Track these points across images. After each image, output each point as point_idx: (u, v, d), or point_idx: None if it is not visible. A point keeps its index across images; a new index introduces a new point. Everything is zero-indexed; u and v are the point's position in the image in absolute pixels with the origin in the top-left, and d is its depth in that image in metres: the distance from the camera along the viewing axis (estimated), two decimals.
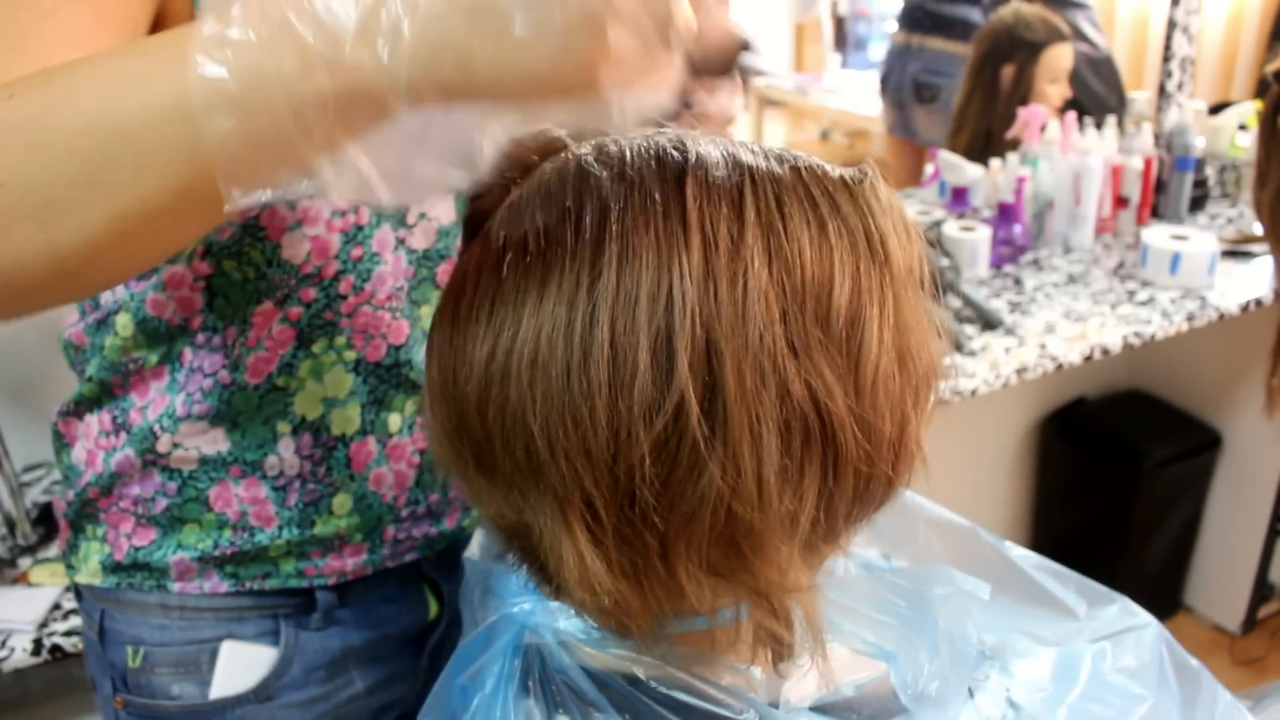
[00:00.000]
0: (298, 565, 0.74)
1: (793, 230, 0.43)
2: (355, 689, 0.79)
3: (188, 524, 0.72)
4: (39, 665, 1.05)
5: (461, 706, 0.52)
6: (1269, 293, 1.73)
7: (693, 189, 0.43)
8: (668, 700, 0.48)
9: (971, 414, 2.01)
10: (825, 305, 0.43)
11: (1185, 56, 2.06)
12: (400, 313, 0.73)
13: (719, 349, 0.40)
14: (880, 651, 0.52)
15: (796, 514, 0.44)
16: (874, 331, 0.44)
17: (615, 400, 0.41)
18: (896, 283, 0.45)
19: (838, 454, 0.44)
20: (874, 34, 3.76)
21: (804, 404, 0.42)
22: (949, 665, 0.51)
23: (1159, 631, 0.63)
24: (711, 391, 0.41)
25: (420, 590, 0.82)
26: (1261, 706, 1.00)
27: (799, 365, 0.42)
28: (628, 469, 0.41)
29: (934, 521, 0.70)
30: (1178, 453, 2.04)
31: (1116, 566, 2.08)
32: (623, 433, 0.41)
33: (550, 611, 0.52)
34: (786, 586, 0.45)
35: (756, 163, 0.45)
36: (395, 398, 0.75)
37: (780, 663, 0.49)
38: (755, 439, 0.41)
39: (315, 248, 0.67)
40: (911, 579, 0.53)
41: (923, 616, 0.52)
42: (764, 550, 0.44)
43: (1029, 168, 1.94)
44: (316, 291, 0.68)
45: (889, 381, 0.45)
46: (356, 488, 0.75)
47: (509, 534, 0.48)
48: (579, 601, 0.45)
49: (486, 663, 0.52)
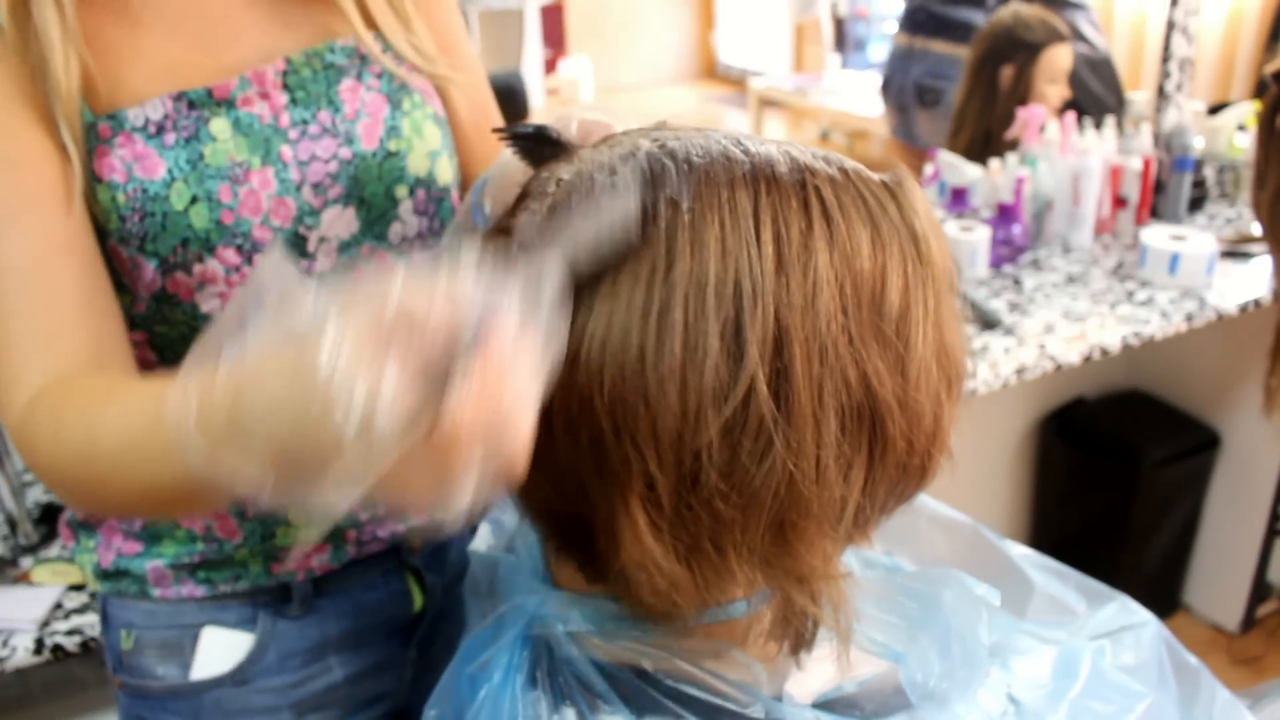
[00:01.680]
0: (265, 565, 0.77)
1: (853, 229, 0.45)
2: (333, 677, 0.80)
3: (164, 538, 0.76)
4: (40, 665, 1.05)
5: (469, 698, 0.52)
6: (1267, 293, 1.73)
7: (763, 184, 0.45)
8: (675, 693, 0.49)
9: (971, 414, 2.01)
10: (880, 299, 0.45)
11: (1184, 57, 2.06)
12: None
13: (790, 335, 0.42)
14: (888, 652, 0.53)
15: (845, 499, 0.46)
16: (920, 326, 0.46)
17: (686, 383, 0.42)
18: (937, 282, 0.48)
19: (886, 440, 0.46)
20: (873, 35, 3.76)
21: (859, 391, 0.44)
22: (960, 665, 0.51)
23: (1158, 629, 0.64)
24: (778, 376, 0.42)
25: (403, 580, 0.83)
26: (1260, 705, 1.01)
27: (855, 354, 0.44)
28: (695, 452, 0.43)
29: (936, 519, 0.70)
30: (1176, 453, 2.05)
31: (1116, 566, 2.08)
32: (692, 415, 0.42)
33: (559, 602, 0.53)
34: (829, 573, 0.47)
35: (813, 163, 0.47)
36: None
37: (799, 652, 0.50)
38: (818, 423, 0.43)
39: (223, 303, 0.68)
40: (922, 581, 0.54)
41: (933, 618, 0.52)
42: (809, 537, 0.46)
43: (1028, 168, 1.94)
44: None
45: (930, 374, 0.47)
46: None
47: (552, 520, 0.49)
48: (634, 584, 0.46)
49: (494, 654, 0.52)
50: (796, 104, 3.60)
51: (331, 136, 0.70)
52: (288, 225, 0.69)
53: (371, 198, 0.72)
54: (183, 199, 0.64)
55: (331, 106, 0.71)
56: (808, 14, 4.03)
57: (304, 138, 0.69)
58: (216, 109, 0.66)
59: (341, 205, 0.71)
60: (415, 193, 0.74)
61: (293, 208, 0.69)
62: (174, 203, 0.64)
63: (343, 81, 0.72)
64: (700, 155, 0.46)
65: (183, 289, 0.67)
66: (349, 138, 0.71)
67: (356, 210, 0.72)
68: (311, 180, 0.69)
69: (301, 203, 0.69)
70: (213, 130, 0.66)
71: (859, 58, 3.74)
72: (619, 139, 0.50)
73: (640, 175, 0.45)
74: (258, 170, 0.67)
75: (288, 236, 0.69)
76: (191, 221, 0.65)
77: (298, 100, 0.70)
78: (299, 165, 0.69)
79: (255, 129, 0.68)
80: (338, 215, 0.71)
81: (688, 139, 0.47)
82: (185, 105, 0.65)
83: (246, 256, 0.67)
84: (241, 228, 0.67)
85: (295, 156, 0.69)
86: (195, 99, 0.65)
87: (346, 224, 0.72)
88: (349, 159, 0.71)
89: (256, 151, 0.67)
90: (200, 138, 0.65)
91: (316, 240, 0.71)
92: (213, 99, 0.66)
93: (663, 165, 0.45)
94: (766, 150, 0.47)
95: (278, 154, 0.68)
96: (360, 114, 0.71)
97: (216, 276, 0.67)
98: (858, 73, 3.45)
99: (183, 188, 0.64)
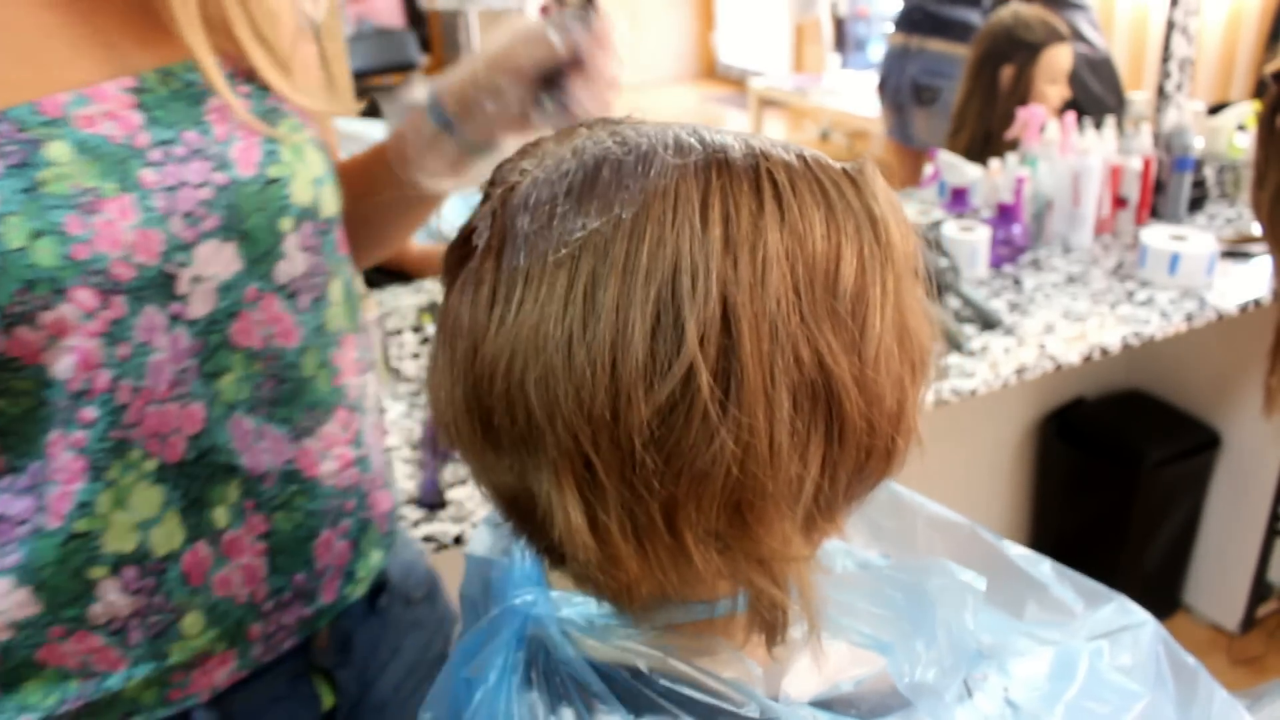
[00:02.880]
0: (161, 693, 0.69)
1: (805, 210, 0.45)
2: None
3: (26, 682, 0.65)
4: None
5: (465, 699, 0.52)
6: (1267, 293, 1.73)
7: (715, 169, 0.45)
8: (670, 693, 0.49)
9: (971, 414, 2.01)
10: (834, 279, 0.45)
11: (1184, 57, 2.06)
12: (190, 397, 0.65)
13: (737, 313, 0.42)
14: (877, 644, 0.53)
15: (802, 478, 0.46)
16: (877, 307, 0.46)
17: (616, 364, 0.42)
18: (897, 265, 0.48)
19: (843, 420, 0.46)
20: (873, 35, 3.76)
21: (812, 370, 0.44)
22: (946, 652, 0.51)
23: (1156, 630, 0.64)
24: (726, 355, 0.43)
25: (310, 684, 0.78)
26: (1260, 705, 1.00)
27: (807, 331, 0.44)
28: (629, 431, 0.43)
29: (933, 520, 0.70)
30: (1177, 453, 2.05)
31: (1116, 566, 2.08)
32: (624, 395, 0.42)
33: (553, 603, 0.53)
34: (789, 555, 0.47)
35: (769, 149, 0.47)
36: (212, 491, 0.68)
37: (773, 646, 0.50)
38: (769, 401, 0.43)
39: (79, 359, 0.60)
40: (908, 571, 0.54)
41: (919, 607, 0.52)
42: (767, 518, 0.46)
43: (1028, 168, 1.94)
44: (95, 410, 0.61)
45: (890, 356, 0.47)
46: (202, 601, 0.69)
47: (510, 504, 0.50)
48: (575, 567, 0.47)
49: (489, 655, 0.52)
50: (796, 104, 3.60)
51: (203, 159, 0.63)
52: (154, 261, 0.60)
53: (254, 230, 0.65)
54: (20, 234, 0.55)
55: (199, 127, 0.63)
56: (808, 14, 4.03)
57: (169, 160, 0.61)
58: (51, 129, 0.58)
59: (220, 239, 0.63)
60: (301, 225, 0.68)
61: (159, 240, 0.60)
62: (9, 240, 0.55)
63: (208, 100, 0.64)
64: (651, 144, 0.46)
65: (28, 349, 0.58)
66: (222, 162, 0.63)
67: (238, 246, 0.64)
68: (182, 209, 0.61)
69: (170, 235, 0.61)
70: (49, 154, 0.57)
71: (859, 58, 3.73)
72: (581, 130, 0.51)
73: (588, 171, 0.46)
74: (113, 198, 0.59)
75: (153, 275, 0.61)
76: (35, 260, 0.56)
77: (157, 119, 0.62)
78: (165, 191, 0.61)
79: (105, 150, 0.59)
80: (215, 251, 0.63)
81: (644, 130, 0.48)
82: (11, 128, 0.56)
83: (104, 299, 0.58)
84: (98, 264, 0.58)
85: (160, 181, 0.60)
86: (18, 117, 0.57)
87: (226, 261, 0.64)
88: (225, 184, 0.63)
89: (110, 177, 0.59)
90: (33, 163, 0.56)
91: (189, 280, 0.62)
92: (41, 115, 0.57)
93: (613, 157, 0.46)
94: (722, 139, 0.47)
95: (136, 179, 0.60)
96: (233, 137, 0.64)
97: (69, 326, 0.58)
98: (858, 73, 3.45)
99: (18, 221, 0.55)
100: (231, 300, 0.66)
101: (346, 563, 0.78)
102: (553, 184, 0.46)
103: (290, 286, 0.69)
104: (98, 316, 0.59)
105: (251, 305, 0.67)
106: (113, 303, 0.60)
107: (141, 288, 0.61)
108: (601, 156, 0.46)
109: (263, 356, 0.69)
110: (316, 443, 0.73)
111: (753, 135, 0.49)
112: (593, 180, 0.45)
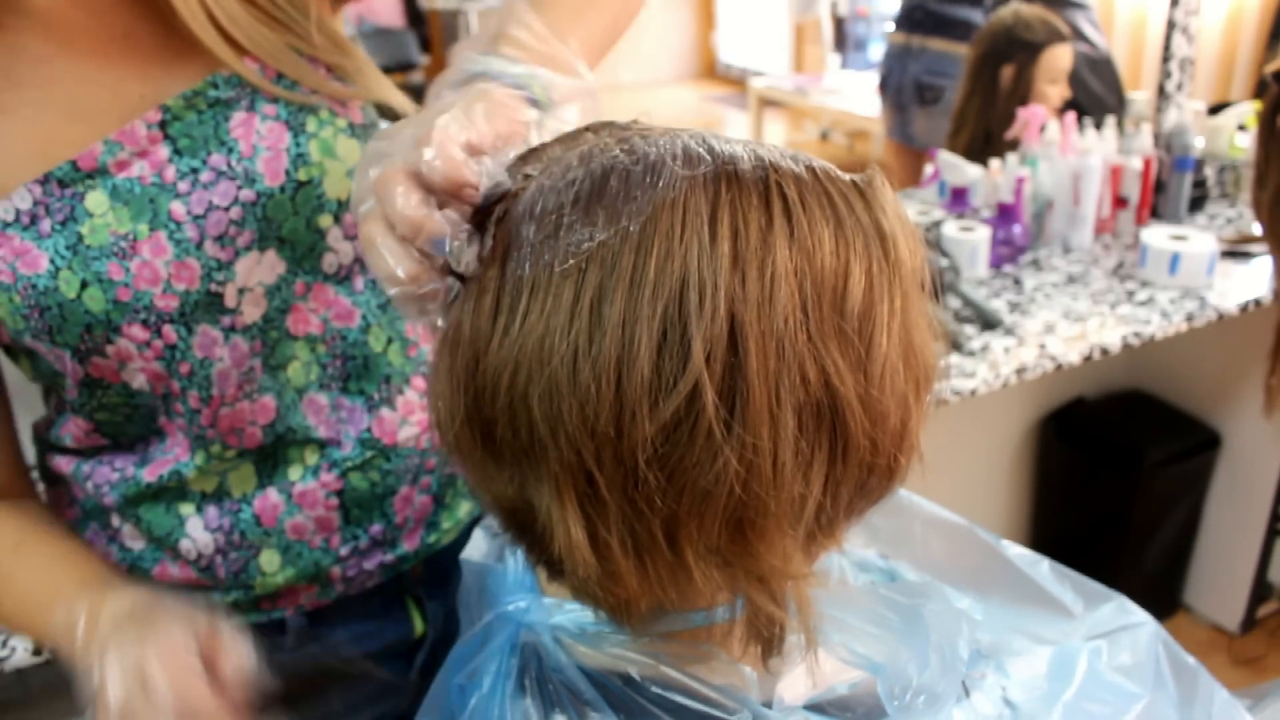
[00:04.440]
0: (253, 602, 0.75)
1: (814, 226, 0.45)
2: (330, 707, 0.78)
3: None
4: (39, 665, 1.05)
5: (459, 706, 0.52)
6: (1268, 293, 1.73)
7: (724, 182, 0.44)
8: (662, 700, 0.49)
9: (971, 414, 2.01)
10: (841, 297, 0.44)
11: (1184, 57, 2.06)
12: (259, 391, 0.70)
13: (744, 330, 0.42)
14: (869, 664, 0.52)
15: (805, 498, 0.45)
16: (884, 325, 0.46)
17: (621, 380, 0.42)
18: (905, 281, 0.47)
19: (847, 439, 0.45)
20: (873, 35, 3.77)
21: (818, 388, 0.44)
22: (938, 678, 0.51)
23: (1155, 630, 0.63)
24: (732, 373, 0.42)
25: (405, 606, 0.81)
26: (1261, 706, 1.00)
27: (814, 350, 0.43)
28: (632, 448, 0.42)
29: (931, 521, 0.70)
30: (1177, 453, 2.04)
31: (1116, 566, 2.08)
32: (629, 411, 0.42)
33: (546, 609, 0.52)
34: (789, 573, 0.46)
35: (779, 160, 0.47)
36: (289, 452, 0.73)
37: (769, 658, 0.50)
38: (774, 420, 0.43)
39: (149, 377, 0.66)
40: (904, 593, 0.53)
41: (914, 630, 0.52)
42: (769, 536, 0.45)
43: (1028, 168, 1.94)
44: (181, 405, 0.69)
45: (895, 374, 0.46)
46: (277, 542, 0.74)
47: (509, 516, 0.49)
48: (574, 581, 0.46)
49: (483, 662, 0.52)
50: (796, 104, 3.61)
51: (229, 179, 0.65)
52: (195, 286, 0.65)
53: (292, 234, 0.68)
54: (71, 286, 0.61)
55: (224, 148, 0.65)
56: (808, 14, 4.03)
57: (196, 188, 0.65)
58: (90, 181, 0.62)
59: (258, 250, 0.67)
60: (342, 217, 0.70)
61: (196, 267, 0.65)
62: (64, 292, 0.61)
63: (233, 116, 0.66)
64: (659, 154, 0.45)
65: (106, 372, 0.65)
66: (249, 177, 0.66)
67: (278, 251, 0.68)
68: (213, 233, 0.65)
69: (206, 259, 0.65)
70: (89, 206, 0.62)
71: (859, 58, 3.74)
72: (586, 135, 0.50)
73: (595, 180, 0.45)
74: (146, 239, 0.63)
75: (198, 297, 0.65)
76: (88, 307, 0.62)
77: (182, 149, 0.65)
78: (195, 221, 0.64)
79: (136, 193, 0.63)
80: (255, 261, 0.67)
81: (653, 139, 0.47)
82: (56, 186, 0.61)
83: (155, 329, 0.64)
84: (141, 301, 0.63)
85: (189, 211, 0.64)
86: (63, 176, 0.61)
87: (269, 267, 0.68)
88: (253, 200, 0.66)
89: (141, 218, 0.63)
90: (76, 217, 0.62)
91: (236, 293, 0.67)
92: (80, 171, 0.62)
93: (621, 166, 0.45)
94: (731, 149, 0.46)
95: (168, 214, 0.64)
96: (259, 149, 0.66)
97: (131, 354, 0.65)
98: (858, 73, 3.45)
99: (69, 275, 0.61)
100: (282, 299, 0.69)
101: (428, 515, 0.80)
102: (559, 192, 0.45)
103: (339, 274, 0.72)
104: (152, 345, 0.65)
105: (302, 298, 0.70)
106: (164, 331, 0.65)
107: (189, 311, 0.65)
108: (609, 165, 0.46)
109: (324, 339, 0.72)
110: (394, 412, 0.76)
111: (761, 144, 0.48)
112: (600, 190, 0.44)
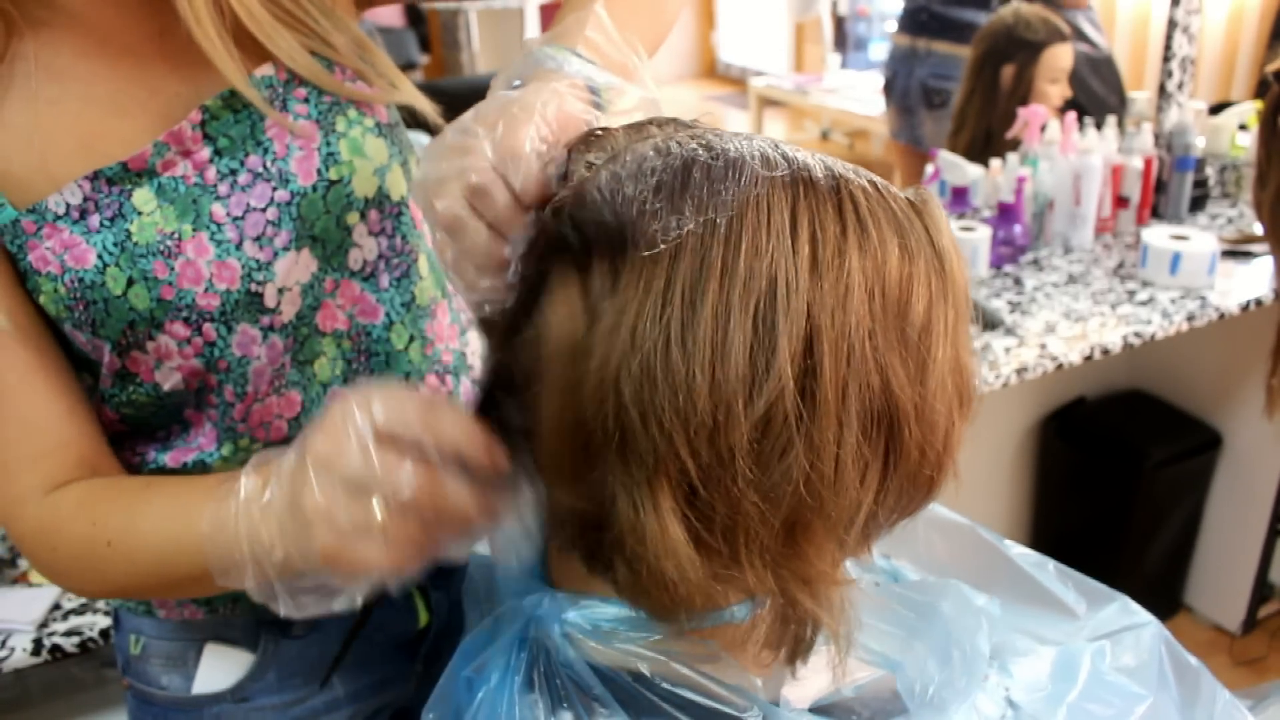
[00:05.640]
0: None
1: (884, 237, 0.46)
2: (335, 694, 0.79)
3: None
4: (39, 665, 1.05)
5: (466, 700, 0.52)
6: (1269, 293, 1.73)
7: (802, 187, 0.45)
8: (672, 697, 0.49)
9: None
10: (905, 309, 0.46)
11: (1185, 56, 2.06)
12: (287, 386, 0.71)
13: (820, 334, 0.43)
14: (885, 661, 0.53)
15: (859, 503, 0.46)
16: (940, 340, 0.47)
17: (715, 372, 0.42)
18: (957, 300, 0.49)
19: (901, 448, 0.47)
20: (874, 34, 3.77)
21: (880, 396, 0.45)
22: (959, 673, 0.51)
23: (1158, 630, 0.63)
24: (807, 374, 0.43)
25: (409, 597, 0.82)
26: (1262, 706, 1.00)
27: (880, 359, 0.45)
28: (728, 441, 0.43)
29: (933, 520, 0.70)
30: (1178, 453, 2.04)
31: (1117, 566, 2.08)
32: (724, 405, 0.43)
33: (558, 604, 0.52)
34: (835, 579, 0.48)
35: (844, 172, 0.48)
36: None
37: (796, 660, 0.50)
38: (841, 424, 0.44)
39: (185, 375, 0.67)
40: (921, 592, 0.54)
41: (931, 627, 0.52)
42: (818, 540, 0.46)
43: (1029, 168, 1.94)
44: (215, 398, 0.69)
45: (944, 388, 0.48)
46: None
47: (580, 516, 0.49)
48: (643, 575, 0.46)
49: (491, 656, 0.52)
50: (796, 103, 3.61)
51: (265, 181, 0.66)
52: (235, 286, 0.66)
53: (323, 233, 0.69)
54: (118, 283, 0.62)
55: (260, 148, 0.66)
56: (808, 14, 4.03)
57: (235, 190, 0.66)
58: (138, 180, 0.63)
59: (294, 249, 0.67)
60: (367, 215, 0.71)
61: (237, 268, 0.66)
62: (111, 288, 0.62)
63: (268, 116, 0.67)
64: (739, 152, 0.46)
65: (142, 367, 0.66)
66: (284, 178, 0.67)
67: (311, 249, 0.69)
68: (251, 234, 0.66)
69: (246, 259, 0.66)
70: (136, 203, 0.63)
71: (859, 57, 3.74)
72: (651, 129, 0.50)
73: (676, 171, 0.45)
74: (190, 239, 0.64)
75: (239, 297, 0.66)
76: (133, 304, 0.63)
77: (222, 150, 0.66)
78: (234, 222, 0.66)
79: (181, 192, 0.64)
80: (293, 261, 0.68)
81: (727, 137, 0.48)
82: (104, 183, 0.62)
83: (196, 327, 0.65)
84: (184, 299, 0.64)
85: (229, 213, 0.65)
86: (112, 175, 0.62)
87: (304, 266, 0.69)
88: (287, 201, 0.67)
89: (186, 218, 0.64)
90: (125, 214, 0.63)
91: (275, 292, 0.68)
92: (130, 172, 0.63)
93: (702, 160, 0.46)
94: (804, 156, 0.47)
95: (209, 215, 0.65)
96: (292, 149, 0.67)
97: (170, 351, 0.66)
98: (858, 72, 3.45)
99: (116, 272, 0.62)
100: (314, 297, 0.70)
101: None
102: (637, 179, 0.45)
103: (365, 270, 0.73)
104: (192, 343, 0.66)
105: (331, 295, 0.71)
106: (204, 329, 0.66)
107: (230, 310, 0.66)
108: (690, 158, 0.46)
109: (350, 335, 0.73)
110: None
111: (825, 156, 0.49)
112: (684, 180, 0.45)
